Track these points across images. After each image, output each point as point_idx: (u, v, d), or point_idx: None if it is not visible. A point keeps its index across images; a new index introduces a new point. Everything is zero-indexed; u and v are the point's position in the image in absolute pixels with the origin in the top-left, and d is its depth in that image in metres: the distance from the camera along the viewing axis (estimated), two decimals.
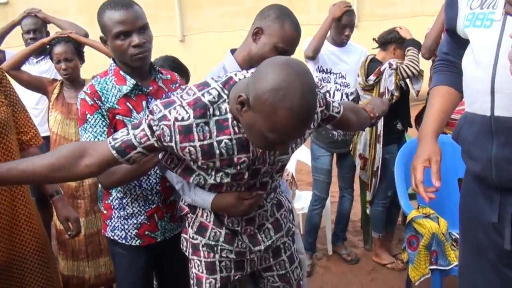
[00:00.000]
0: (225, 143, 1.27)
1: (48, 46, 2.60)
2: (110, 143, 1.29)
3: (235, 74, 1.29)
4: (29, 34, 3.14)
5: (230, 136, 1.27)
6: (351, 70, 2.98)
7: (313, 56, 2.86)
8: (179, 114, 1.22)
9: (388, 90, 2.80)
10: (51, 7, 3.49)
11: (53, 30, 3.11)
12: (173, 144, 1.25)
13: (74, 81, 2.54)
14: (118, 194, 1.68)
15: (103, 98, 1.58)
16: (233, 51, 1.75)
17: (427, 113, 1.53)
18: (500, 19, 1.22)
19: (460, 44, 1.41)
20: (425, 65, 2.89)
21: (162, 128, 1.23)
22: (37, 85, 2.66)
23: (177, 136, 1.23)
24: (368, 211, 3.14)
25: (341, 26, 2.90)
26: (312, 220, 3.14)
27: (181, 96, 1.26)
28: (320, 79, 2.96)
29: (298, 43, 1.65)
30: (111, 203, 1.70)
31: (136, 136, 1.26)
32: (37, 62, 3.14)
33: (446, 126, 2.47)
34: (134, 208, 1.69)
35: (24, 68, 2.71)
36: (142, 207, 1.69)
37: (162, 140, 1.25)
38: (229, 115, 1.25)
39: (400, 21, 3.02)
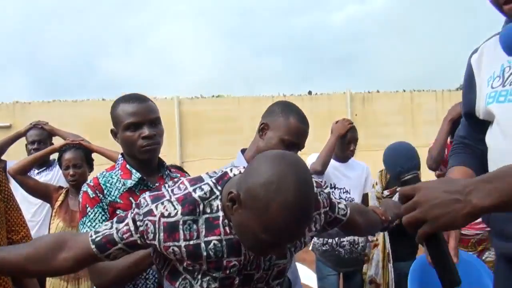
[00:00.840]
0: (214, 244, 1.14)
1: (52, 155, 2.59)
2: (91, 236, 1.17)
3: (231, 170, 1.20)
4: (34, 144, 3.15)
5: (220, 237, 1.14)
6: (354, 186, 2.97)
7: (322, 170, 2.84)
8: (166, 210, 1.12)
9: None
10: None
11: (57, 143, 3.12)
12: (156, 242, 1.13)
13: (80, 188, 2.47)
14: None
15: (105, 192, 1.52)
16: (244, 151, 1.73)
17: None
18: None
19: (477, 128, 1.44)
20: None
21: (146, 224, 1.12)
22: (43, 191, 2.61)
23: (161, 234, 1.12)
24: None
25: (346, 142, 2.95)
26: None
27: (172, 190, 1.17)
28: None
29: (307, 135, 1.64)
30: None
31: (119, 231, 1.15)
32: (38, 173, 3.10)
33: (459, 243, 2.37)
34: None
35: None
36: None
37: (145, 237, 1.14)
38: (221, 213, 1.14)
39: None
